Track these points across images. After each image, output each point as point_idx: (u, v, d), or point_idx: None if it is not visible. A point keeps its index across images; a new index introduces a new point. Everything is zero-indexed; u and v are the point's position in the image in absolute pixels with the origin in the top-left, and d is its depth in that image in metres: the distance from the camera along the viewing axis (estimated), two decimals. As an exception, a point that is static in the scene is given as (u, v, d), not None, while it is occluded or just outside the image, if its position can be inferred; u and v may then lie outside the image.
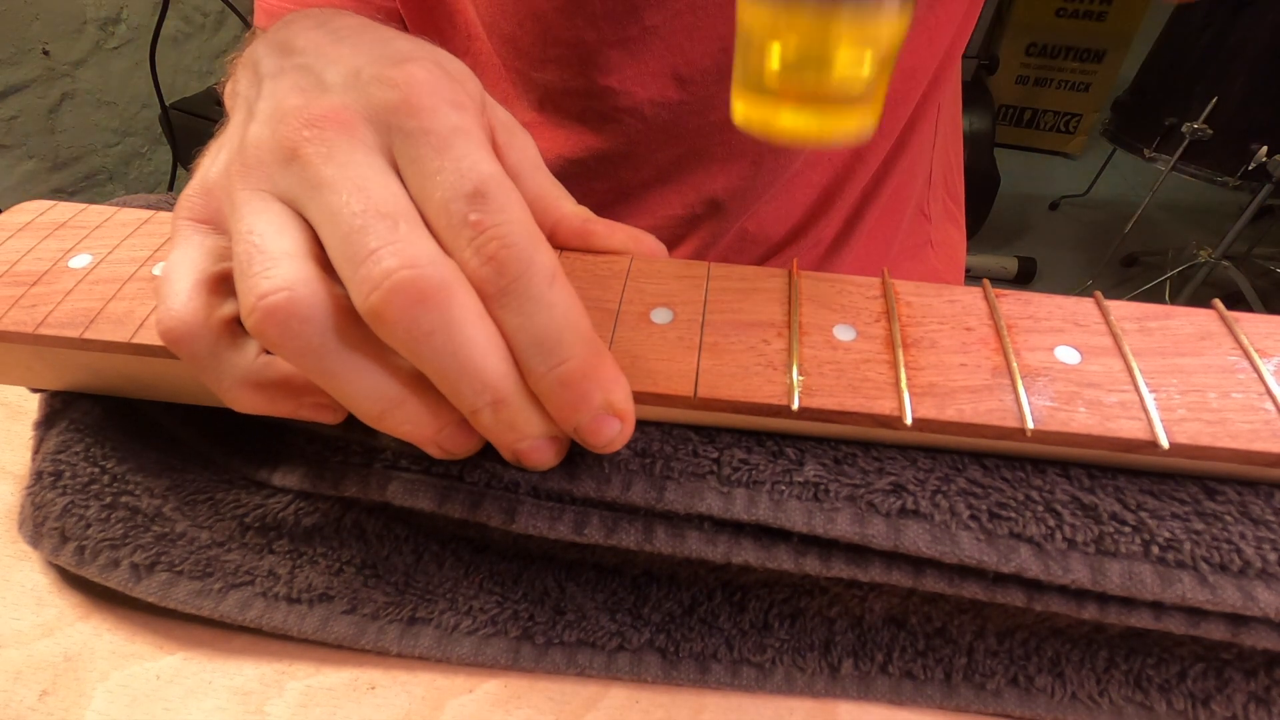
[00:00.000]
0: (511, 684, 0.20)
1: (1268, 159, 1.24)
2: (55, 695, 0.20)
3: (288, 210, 0.18)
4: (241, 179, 0.18)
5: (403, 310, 0.15)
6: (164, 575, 0.21)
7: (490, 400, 0.17)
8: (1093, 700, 0.19)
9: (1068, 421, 0.17)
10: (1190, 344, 0.19)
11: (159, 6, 1.05)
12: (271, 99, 0.19)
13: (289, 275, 0.16)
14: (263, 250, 0.17)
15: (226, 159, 0.19)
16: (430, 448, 0.19)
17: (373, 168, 0.17)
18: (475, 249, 0.16)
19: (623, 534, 0.19)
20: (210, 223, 0.20)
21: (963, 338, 0.19)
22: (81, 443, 0.23)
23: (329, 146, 0.17)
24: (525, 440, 0.18)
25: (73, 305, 0.21)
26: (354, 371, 0.17)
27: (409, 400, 0.17)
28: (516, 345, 0.17)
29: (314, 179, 0.17)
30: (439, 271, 0.16)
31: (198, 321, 0.18)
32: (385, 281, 0.15)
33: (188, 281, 0.18)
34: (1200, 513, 0.18)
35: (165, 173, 1.40)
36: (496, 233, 0.16)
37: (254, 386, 0.18)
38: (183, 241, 0.19)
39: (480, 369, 0.16)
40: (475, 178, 0.17)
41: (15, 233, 0.24)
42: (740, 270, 0.22)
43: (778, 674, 0.20)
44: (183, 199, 0.20)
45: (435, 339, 0.16)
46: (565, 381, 0.17)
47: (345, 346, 0.17)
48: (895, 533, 0.18)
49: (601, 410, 0.17)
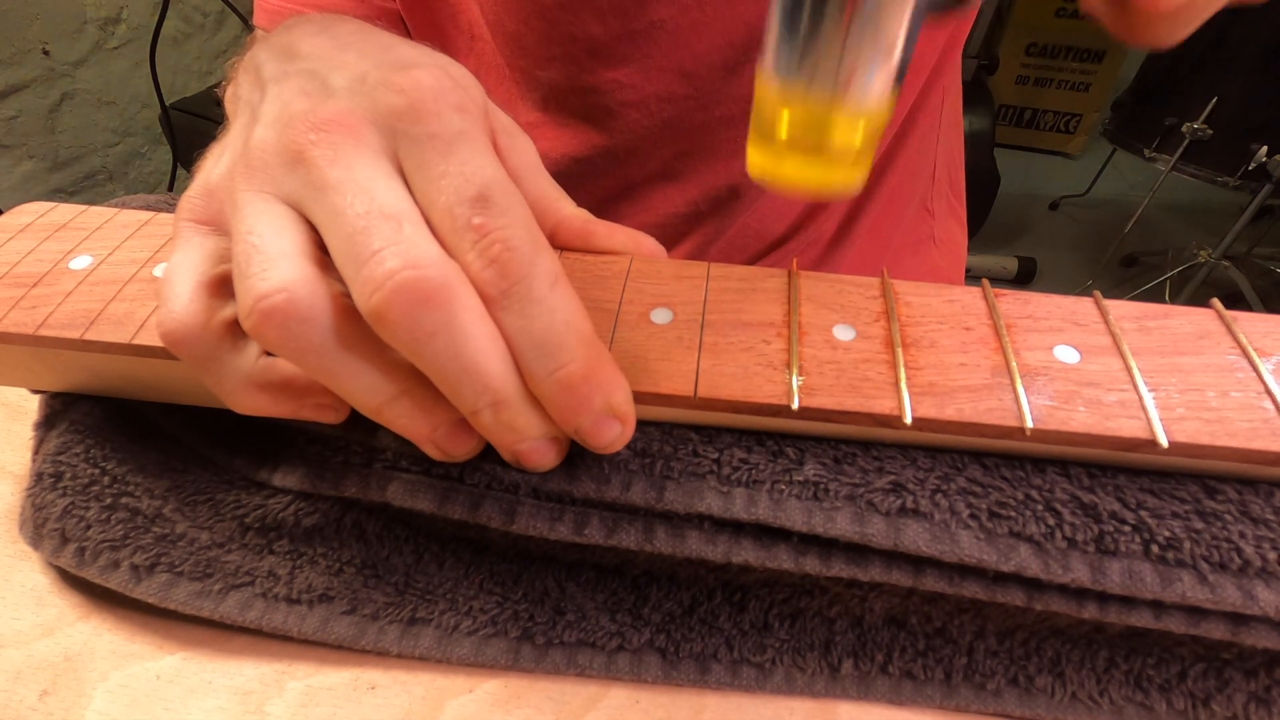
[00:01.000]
0: (511, 684, 0.20)
1: (1268, 159, 1.24)
2: (55, 695, 0.20)
3: (290, 211, 0.18)
4: (245, 180, 0.18)
5: (405, 311, 0.15)
6: (164, 576, 0.21)
7: (490, 401, 0.17)
8: (1093, 700, 0.19)
9: (1067, 420, 0.17)
10: (1189, 343, 0.19)
11: (159, 6, 1.05)
12: (276, 103, 0.19)
13: (287, 276, 0.16)
14: (261, 250, 0.17)
15: (230, 161, 0.19)
16: (428, 447, 0.19)
17: (378, 171, 0.17)
18: (479, 252, 0.17)
19: (623, 534, 0.19)
20: (212, 224, 0.20)
21: (962, 337, 0.19)
22: (82, 444, 0.23)
23: (335, 150, 0.17)
24: (525, 441, 0.18)
25: (73, 306, 0.21)
26: (354, 369, 0.17)
27: (407, 396, 0.17)
28: (518, 348, 0.17)
29: (319, 181, 0.17)
30: (442, 272, 0.16)
31: (198, 324, 0.18)
32: (388, 282, 0.15)
33: (189, 283, 0.18)
34: (1200, 512, 0.18)
35: (165, 173, 1.40)
36: (500, 236, 0.17)
37: (255, 388, 0.18)
38: (184, 243, 0.19)
39: (481, 370, 0.16)
40: (480, 182, 0.17)
41: (16, 234, 0.24)
42: (740, 270, 0.22)
43: (778, 674, 0.20)
44: (184, 200, 0.20)
45: (437, 340, 0.16)
46: (566, 384, 0.17)
47: (345, 345, 0.17)
48: (895, 532, 0.18)
49: (602, 413, 0.17)
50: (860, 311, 0.20)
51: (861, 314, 0.20)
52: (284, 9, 0.39)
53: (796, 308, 0.20)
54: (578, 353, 0.17)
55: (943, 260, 0.51)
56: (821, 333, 0.20)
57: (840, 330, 0.20)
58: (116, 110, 1.33)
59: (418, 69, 0.18)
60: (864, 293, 0.21)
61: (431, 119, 0.18)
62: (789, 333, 0.20)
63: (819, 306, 0.20)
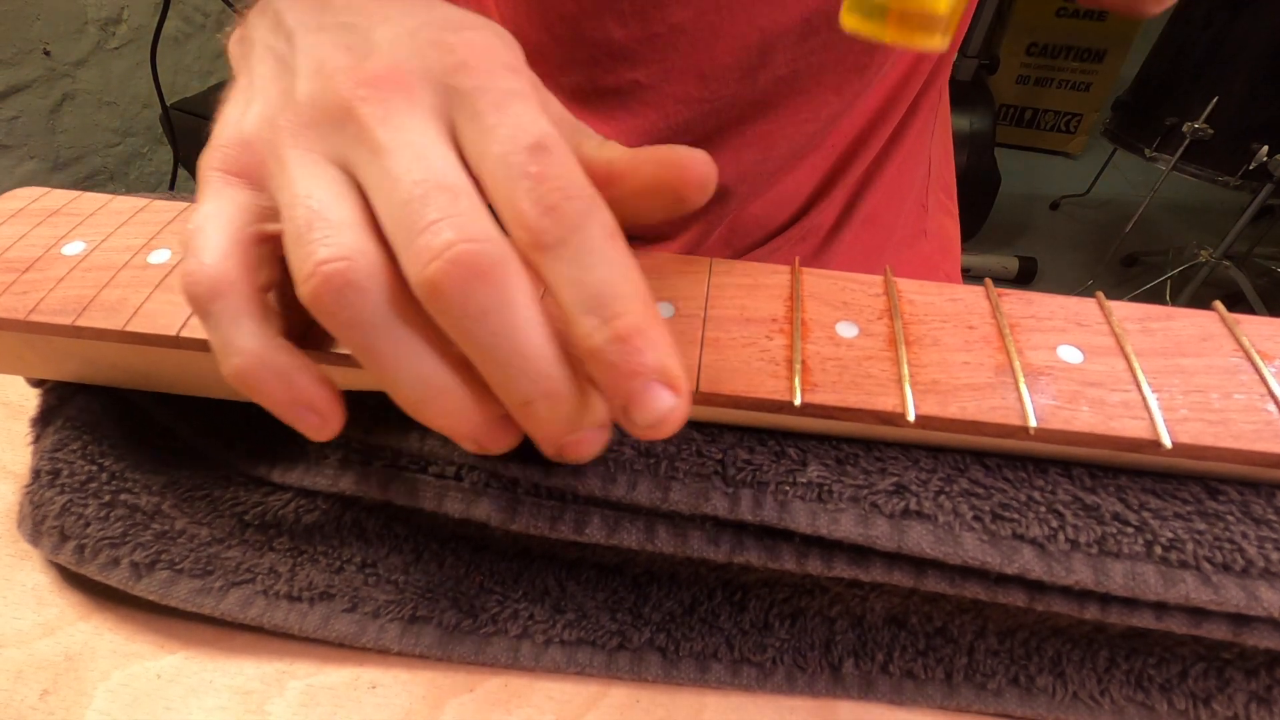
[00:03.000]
0: (512, 683, 0.20)
1: (1268, 159, 1.24)
2: (56, 694, 0.20)
3: (342, 175, 0.17)
4: (292, 137, 0.17)
5: (460, 284, 0.15)
6: (164, 573, 0.21)
7: (543, 390, 0.16)
8: (1094, 700, 0.19)
9: (1070, 420, 0.17)
10: (1192, 345, 0.19)
11: (159, 6, 1.05)
12: (312, 54, 0.18)
13: (350, 244, 0.16)
14: (323, 216, 0.16)
15: (265, 111, 0.18)
16: (466, 443, 0.18)
17: (430, 134, 0.17)
18: (534, 199, 0.16)
19: (624, 533, 0.19)
20: (244, 177, 0.19)
21: (965, 336, 0.19)
22: (79, 440, 0.23)
23: (386, 108, 0.17)
24: (573, 432, 0.17)
25: (65, 292, 0.21)
26: (401, 352, 0.16)
27: (452, 391, 0.17)
28: (569, 300, 0.16)
29: (371, 142, 0.16)
30: (500, 249, 0.15)
31: (228, 280, 0.17)
32: (446, 253, 0.15)
33: (222, 236, 0.17)
34: (1203, 513, 0.18)
35: (166, 173, 1.40)
36: (557, 184, 0.16)
37: (260, 364, 0.17)
38: (214, 194, 0.18)
39: (533, 354, 0.16)
40: (536, 131, 0.17)
41: (8, 219, 0.24)
42: (742, 266, 0.22)
43: (778, 673, 0.20)
44: (214, 149, 0.19)
45: (490, 319, 0.15)
46: (621, 336, 0.16)
47: (396, 325, 0.16)
48: (899, 534, 0.18)
49: (655, 374, 0.16)
50: (863, 309, 0.20)
51: (864, 311, 0.20)
52: None
53: (799, 304, 0.20)
54: (633, 304, 0.16)
55: (936, 253, 0.51)
56: (824, 329, 0.20)
57: (843, 327, 0.20)
58: (117, 110, 1.33)
59: (469, 29, 0.18)
60: (867, 290, 0.21)
61: (484, 75, 0.17)
62: (792, 329, 0.20)
63: (822, 303, 0.20)
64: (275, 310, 0.18)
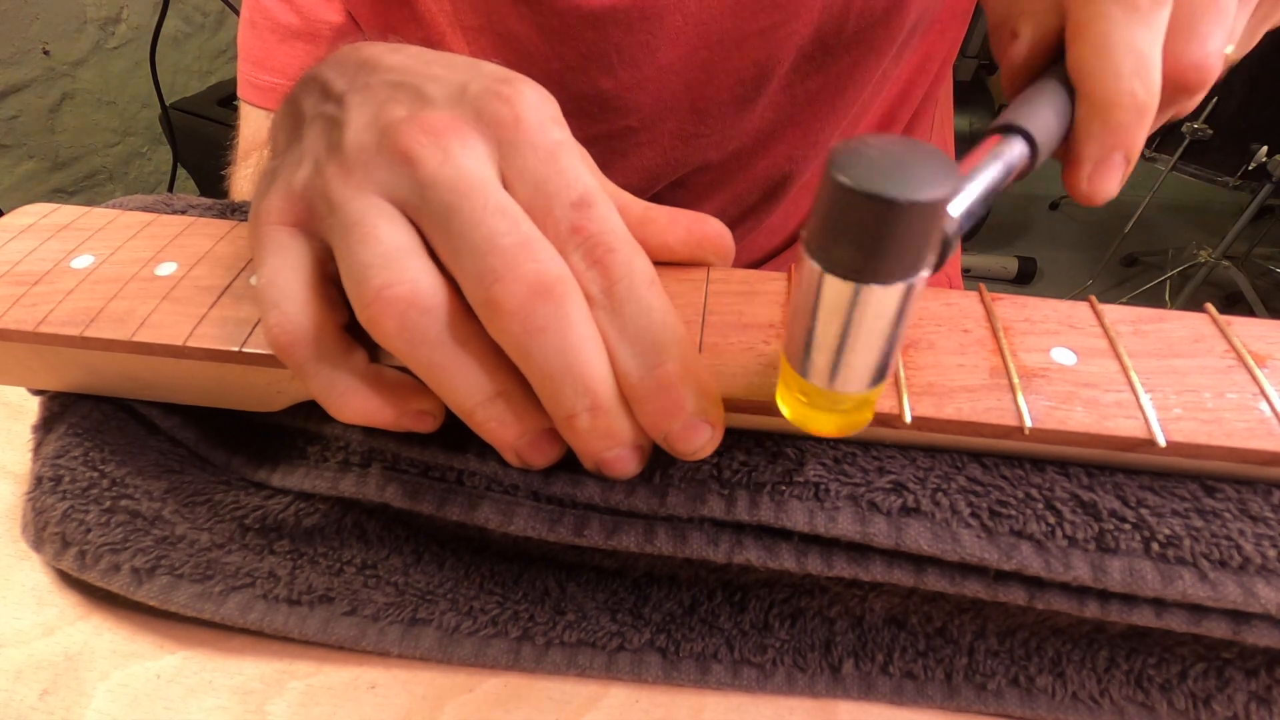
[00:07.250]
0: (512, 684, 0.20)
1: (1268, 159, 1.24)
2: (56, 694, 0.20)
3: (394, 208, 0.18)
4: (343, 180, 0.18)
5: (522, 301, 0.16)
6: (165, 579, 0.21)
7: (590, 405, 0.17)
8: (1094, 700, 0.19)
9: (1065, 420, 0.18)
10: (1184, 346, 0.19)
11: (159, 6, 1.05)
12: (364, 110, 0.19)
13: (410, 268, 0.17)
14: (381, 242, 0.17)
15: (314, 165, 0.19)
16: (509, 454, 0.19)
17: (487, 173, 0.18)
18: (583, 253, 0.17)
19: (623, 536, 0.19)
20: (300, 227, 0.19)
21: (960, 339, 0.20)
22: (80, 447, 0.23)
23: (444, 151, 0.17)
24: (615, 449, 0.18)
25: (74, 304, 0.21)
26: (461, 365, 0.17)
27: (503, 399, 0.18)
28: (615, 347, 0.17)
29: (428, 178, 0.17)
30: (560, 268, 0.16)
31: (315, 326, 0.18)
32: (510, 272, 0.16)
33: (300, 286, 0.18)
34: (1200, 510, 0.18)
35: (165, 173, 1.40)
36: (602, 239, 0.17)
37: (366, 392, 0.18)
38: (278, 247, 0.19)
39: (585, 371, 0.17)
40: (581, 187, 0.18)
41: (18, 234, 0.24)
42: (740, 274, 0.22)
43: (778, 674, 0.20)
44: (264, 207, 0.19)
45: (547, 335, 0.16)
46: (663, 384, 0.17)
47: (456, 341, 0.17)
48: (897, 531, 0.18)
49: (695, 415, 0.17)
50: None
51: None
52: (277, 86, 0.41)
53: None
54: (674, 351, 0.17)
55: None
56: None
57: None
58: (116, 110, 1.33)
59: (520, 82, 0.19)
60: None
61: (535, 129, 0.18)
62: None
63: None
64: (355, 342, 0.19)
